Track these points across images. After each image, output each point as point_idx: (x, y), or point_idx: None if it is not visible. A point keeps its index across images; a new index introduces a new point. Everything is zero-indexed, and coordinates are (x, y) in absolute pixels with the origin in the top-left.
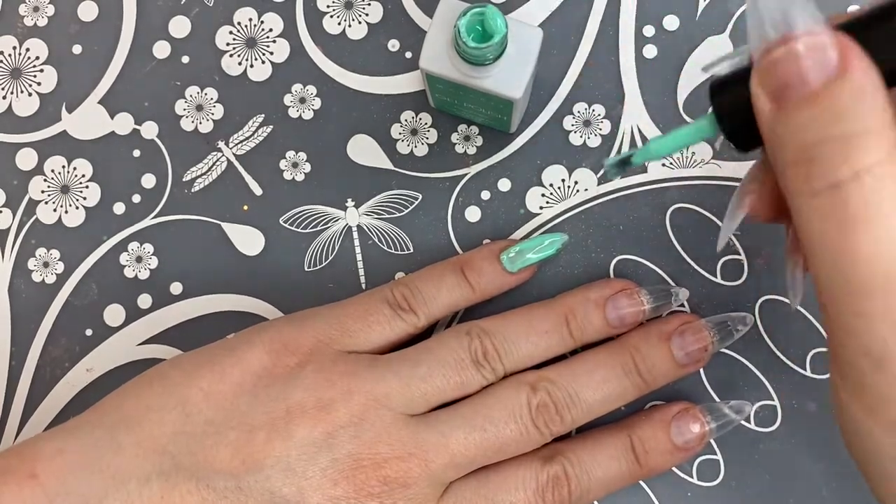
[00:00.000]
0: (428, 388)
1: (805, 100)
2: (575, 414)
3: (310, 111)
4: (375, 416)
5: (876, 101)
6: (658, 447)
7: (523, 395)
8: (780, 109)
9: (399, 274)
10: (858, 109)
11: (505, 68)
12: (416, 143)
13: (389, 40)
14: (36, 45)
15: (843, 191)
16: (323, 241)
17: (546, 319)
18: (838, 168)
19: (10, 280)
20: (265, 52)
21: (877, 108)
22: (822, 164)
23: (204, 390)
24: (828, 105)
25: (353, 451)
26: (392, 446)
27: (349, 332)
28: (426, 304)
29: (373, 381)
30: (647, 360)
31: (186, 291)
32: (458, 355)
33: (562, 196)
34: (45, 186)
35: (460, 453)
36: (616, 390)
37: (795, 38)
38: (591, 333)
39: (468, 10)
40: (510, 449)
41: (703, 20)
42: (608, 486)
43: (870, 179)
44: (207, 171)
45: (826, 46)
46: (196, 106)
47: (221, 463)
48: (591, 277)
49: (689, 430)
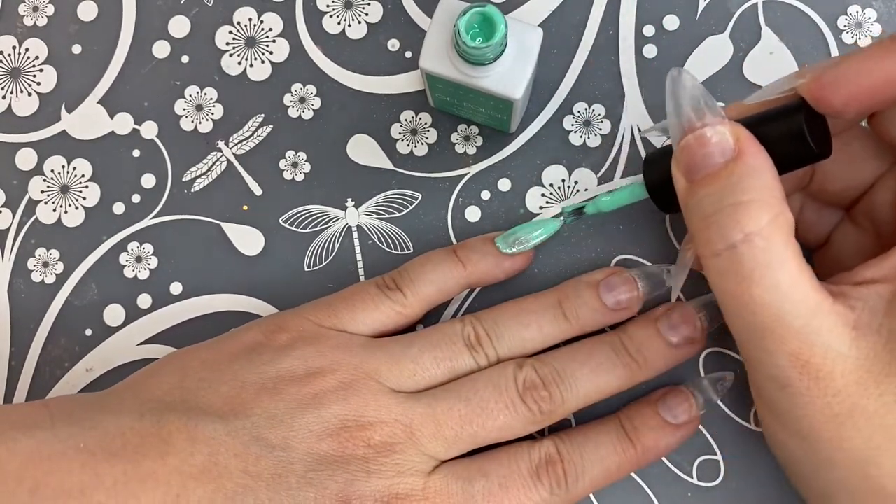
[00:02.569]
0: (417, 368)
1: (708, 177)
2: (564, 391)
3: (310, 111)
4: (363, 384)
5: (764, 178)
6: (647, 423)
7: (509, 371)
8: (690, 186)
9: None
10: (748, 184)
11: (505, 68)
12: (416, 142)
13: (389, 40)
14: (35, 45)
15: (737, 251)
16: (323, 241)
17: (539, 303)
18: (732, 232)
19: (9, 280)
20: (265, 51)
21: (765, 184)
22: (720, 229)
23: (201, 358)
24: (724, 181)
25: (339, 412)
26: (378, 412)
27: (337, 314)
28: (412, 282)
29: (363, 356)
30: (635, 338)
31: (186, 291)
32: (450, 339)
33: (562, 196)
34: (45, 186)
35: (445, 423)
36: (608, 373)
37: (700, 127)
38: (585, 316)
39: (468, 9)
40: (498, 423)
41: (703, 20)
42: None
43: (758, 241)
44: (207, 170)
45: (725, 134)
46: (196, 106)
47: (211, 408)
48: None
49: (675, 403)
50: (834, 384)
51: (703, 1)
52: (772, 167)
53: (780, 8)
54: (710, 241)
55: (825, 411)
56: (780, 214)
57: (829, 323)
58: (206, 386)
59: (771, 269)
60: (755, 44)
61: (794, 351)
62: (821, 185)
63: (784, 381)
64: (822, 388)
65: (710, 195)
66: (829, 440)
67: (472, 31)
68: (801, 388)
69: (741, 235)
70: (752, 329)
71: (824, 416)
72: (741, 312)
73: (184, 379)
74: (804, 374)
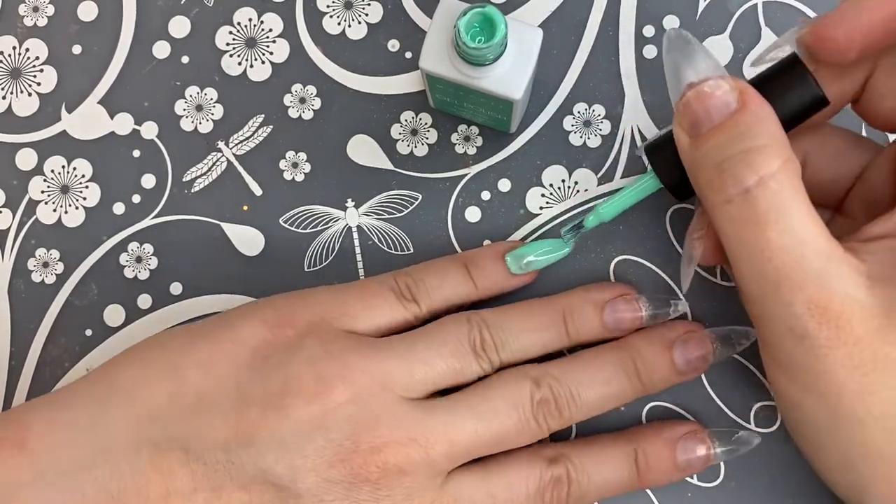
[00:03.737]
0: (428, 371)
1: (713, 129)
2: (574, 411)
3: (310, 111)
4: (375, 396)
5: (771, 125)
6: (661, 465)
7: (526, 389)
8: (695, 140)
9: None
10: (757, 130)
11: (505, 68)
12: (416, 143)
13: (389, 40)
14: (36, 45)
15: (751, 195)
16: (323, 242)
17: (545, 315)
18: (745, 176)
19: (9, 280)
20: (265, 52)
21: (772, 129)
22: (732, 174)
23: (198, 361)
24: (732, 130)
25: (351, 433)
26: (392, 430)
27: (349, 312)
28: (429, 296)
29: (374, 359)
30: (648, 364)
31: (186, 291)
32: (458, 342)
33: (562, 196)
34: (45, 186)
35: (460, 442)
36: (615, 391)
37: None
38: (586, 334)
39: (468, 10)
40: (508, 441)
41: (703, 20)
42: (604, 491)
43: (773, 183)
44: (207, 171)
45: (726, 86)
46: (196, 106)
47: (213, 435)
48: (590, 277)
49: (694, 452)
50: (854, 332)
51: (703, 1)
52: (775, 117)
53: (780, 8)
54: (722, 187)
55: (846, 362)
56: (790, 160)
57: (844, 269)
58: (207, 403)
59: (785, 212)
60: (755, 44)
61: (813, 297)
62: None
63: (802, 332)
64: (842, 336)
65: (719, 145)
66: (852, 394)
67: (473, 32)
68: (821, 338)
69: (755, 179)
70: (766, 278)
71: (846, 368)
72: (755, 260)
73: (179, 391)
74: (823, 322)
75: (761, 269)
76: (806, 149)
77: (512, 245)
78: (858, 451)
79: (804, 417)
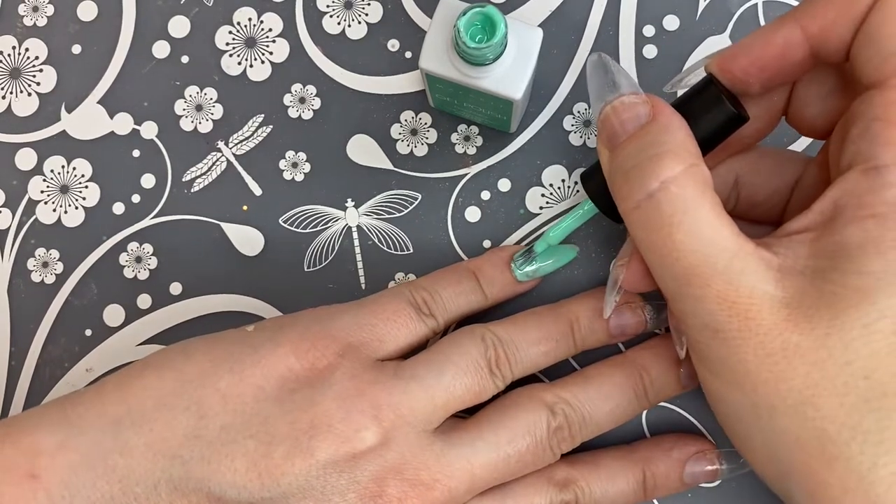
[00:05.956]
0: (450, 398)
1: (626, 140)
2: (584, 434)
3: (309, 111)
4: (401, 435)
5: (677, 134)
6: (668, 484)
7: (543, 418)
8: (612, 153)
9: (399, 274)
10: (663, 138)
11: (505, 68)
12: (415, 143)
13: (389, 40)
14: (35, 45)
15: (654, 199)
16: (323, 241)
17: (553, 326)
18: (649, 181)
19: (9, 280)
20: (265, 51)
21: (678, 139)
22: (638, 180)
23: (221, 392)
24: (642, 139)
25: (376, 476)
26: (418, 472)
27: (377, 336)
28: (445, 310)
29: (400, 392)
30: (657, 383)
31: (186, 291)
32: (476, 363)
33: (562, 196)
34: (45, 186)
35: (482, 477)
36: (626, 413)
37: (615, 98)
38: (592, 342)
39: (468, 10)
40: (524, 469)
41: (703, 20)
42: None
43: (674, 187)
44: (207, 171)
45: (638, 101)
46: (196, 106)
47: (236, 475)
48: (591, 277)
49: (701, 472)
50: (764, 322)
51: (704, 1)
52: (686, 128)
53: (780, 8)
54: (630, 194)
55: (758, 351)
56: (695, 165)
57: (752, 264)
58: (230, 440)
59: (688, 214)
60: None
61: (721, 293)
62: (749, 201)
63: (715, 326)
64: (752, 327)
65: (629, 154)
66: (766, 383)
67: (473, 31)
68: (733, 330)
69: (657, 184)
70: (677, 278)
71: (758, 358)
72: (665, 262)
73: (200, 424)
74: (733, 315)
75: (671, 269)
76: (738, 171)
77: (515, 249)
78: (778, 440)
79: (728, 410)
